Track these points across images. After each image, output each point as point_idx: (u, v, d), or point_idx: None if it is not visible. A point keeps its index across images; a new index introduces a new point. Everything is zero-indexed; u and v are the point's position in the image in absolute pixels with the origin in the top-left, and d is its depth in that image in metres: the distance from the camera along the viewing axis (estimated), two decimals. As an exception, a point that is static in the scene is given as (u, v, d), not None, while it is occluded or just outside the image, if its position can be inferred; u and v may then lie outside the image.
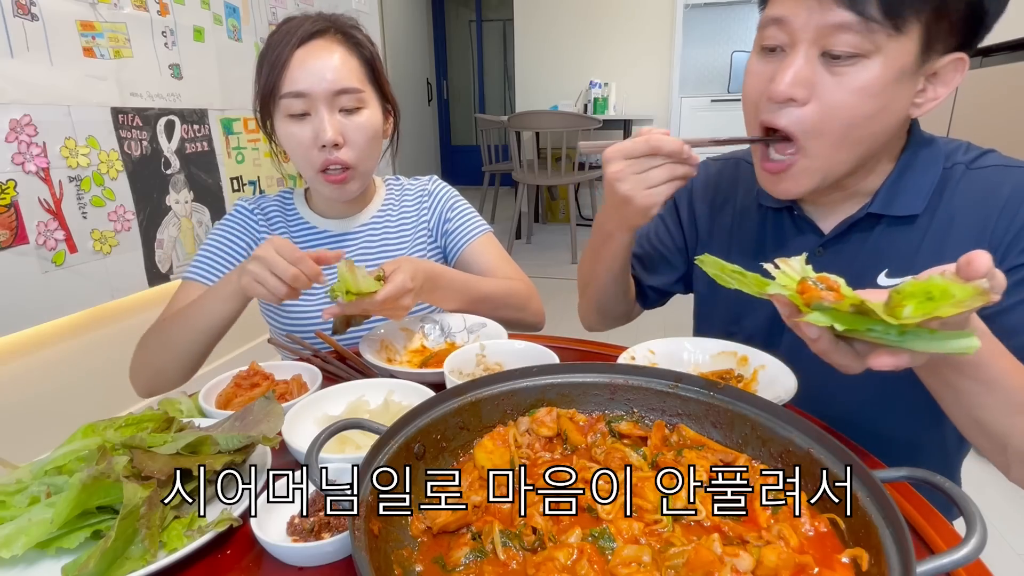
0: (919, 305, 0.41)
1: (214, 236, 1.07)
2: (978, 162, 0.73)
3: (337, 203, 1.09)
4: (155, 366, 0.96)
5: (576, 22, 5.25)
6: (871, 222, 0.75)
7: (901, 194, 0.73)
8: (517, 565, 0.45)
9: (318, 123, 0.94)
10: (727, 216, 0.91)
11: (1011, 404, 0.53)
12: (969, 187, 0.72)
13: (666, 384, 0.61)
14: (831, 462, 0.48)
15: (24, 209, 1.52)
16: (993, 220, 0.69)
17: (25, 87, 1.51)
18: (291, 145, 0.98)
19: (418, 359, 0.91)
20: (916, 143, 0.74)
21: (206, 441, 0.56)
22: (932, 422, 0.82)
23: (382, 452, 0.49)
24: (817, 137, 0.67)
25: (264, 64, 0.95)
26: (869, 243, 0.76)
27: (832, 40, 0.62)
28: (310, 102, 0.94)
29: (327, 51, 0.95)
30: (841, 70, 0.63)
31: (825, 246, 0.79)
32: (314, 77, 0.93)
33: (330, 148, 0.95)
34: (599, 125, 4.09)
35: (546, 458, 0.58)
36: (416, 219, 1.14)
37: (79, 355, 1.77)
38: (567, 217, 4.60)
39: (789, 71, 0.65)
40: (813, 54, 0.64)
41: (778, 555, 0.42)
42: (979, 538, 0.40)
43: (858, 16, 0.60)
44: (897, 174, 0.74)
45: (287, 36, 0.94)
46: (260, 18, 2.39)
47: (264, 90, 0.96)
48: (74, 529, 0.49)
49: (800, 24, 0.63)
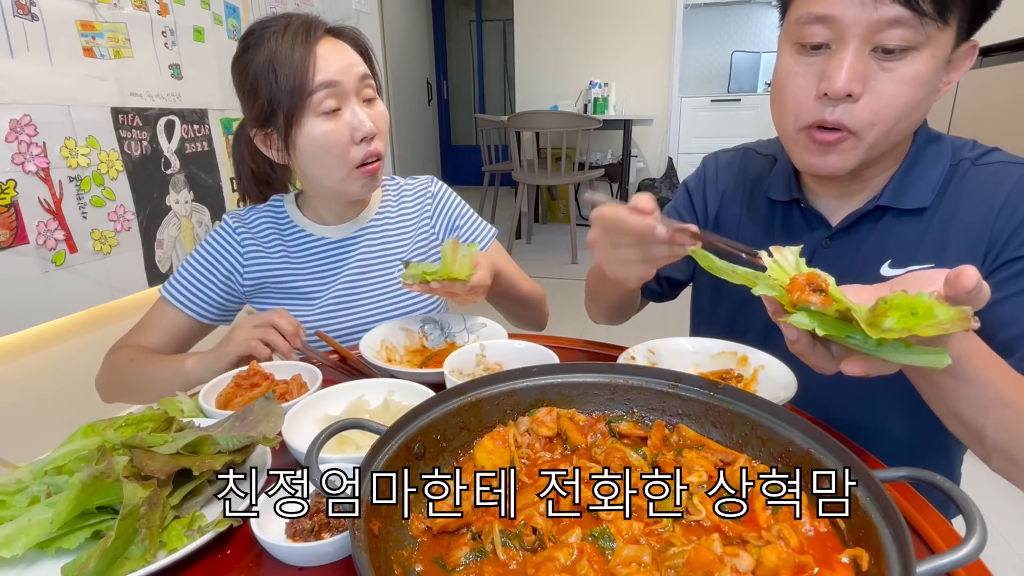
0: (901, 319, 0.42)
1: (195, 257, 1.04)
2: (983, 159, 0.75)
3: (340, 208, 1.06)
4: (124, 391, 0.97)
5: (576, 22, 5.25)
6: (878, 215, 0.77)
7: (910, 187, 0.75)
8: (517, 565, 0.45)
9: (352, 116, 0.92)
10: (736, 207, 0.92)
11: (986, 398, 0.54)
12: (973, 183, 0.74)
13: (666, 384, 0.61)
14: (831, 462, 0.48)
15: (24, 209, 1.52)
16: (994, 215, 0.71)
17: (25, 87, 1.51)
18: (325, 145, 0.92)
19: (418, 359, 0.91)
20: (924, 138, 0.76)
21: (206, 441, 0.56)
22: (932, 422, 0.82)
23: (382, 452, 0.49)
24: (871, 128, 0.68)
25: (278, 68, 0.89)
26: (874, 235, 0.78)
27: (885, 35, 0.63)
28: (341, 95, 0.92)
29: (337, 44, 0.94)
30: (892, 64, 0.64)
31: (832, 238, 0.80)
32: (342, 65, 0.91)
33: (368, 140, 0.94)
34: (599, 125, 4.09)
35: (546, 458, 0.58)
36: (417, 219, 1.13)
37: (79, 355, 1.77)
38: (567, 217, 4.60)
39: (844, 67, 0.65)
40: (864, 49, 0.65)
41: (778, 555, 0.42)
42: (979, 538, 0.40)
43: (911, 11, 0.61)
44: (905, 168, 0.76)
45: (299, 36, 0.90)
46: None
47: (290, 93, 0.89)
48: (74, 529, 0.49)
49: (851, 20, 0.64)
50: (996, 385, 0.54)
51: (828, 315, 0.46)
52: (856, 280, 0.55)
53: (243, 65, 0.93)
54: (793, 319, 0.47)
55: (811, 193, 0.83)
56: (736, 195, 0.92)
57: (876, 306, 0.44)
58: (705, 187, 0.96)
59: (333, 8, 2.84)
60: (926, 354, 0.43)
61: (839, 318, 0.46)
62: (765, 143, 0.95)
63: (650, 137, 5.42)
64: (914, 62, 0.64)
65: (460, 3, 7.24)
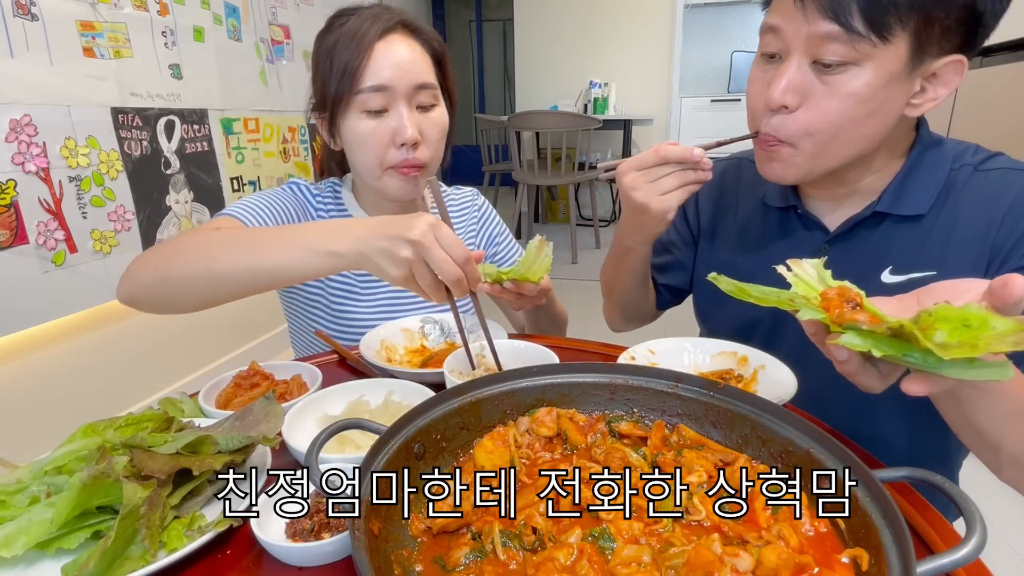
0: (954, 332, 0.40)
1: (269, 196, 0.96)
2: (986, 164, 0.74)
3: (391, 204, 1.03)
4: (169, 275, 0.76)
5: (576, 22, 5.25)
6: (876, 220, 0.76)
7: (908, 194, 0.74)
8: (517, 565, 0.45)
9: (397, 120, 0.90)
10: (732, 215, 0.92)
11: (1008, 410, 0.53)
12: (976, 189, 0.73)
13: (666, 384, 0.61)
14: (831, 462, 0.48)
15: (24, 209, 1.52)
16: (997, 222, 0.70)
17: (25, 87, 1.51)
18: (363, 143, 0.92)
19: (418, 359, 0.91)
20: (924, 144, 0.75)
21: (206, 441, 0.56)
22: (932, 423, 0.82)
23: (382, 452, 0.49)
24: (807, 137, 0.69)
25: (334, 58, 0.89)
26: (873, 241, 0.77)
27: (822, 50, 0.64)
28: (390, 97, 0.90)
29: (406, 45, 0.92)
30: (831, 78, 0.65)
31: (831, 243, 0.80)
32: (397, 71, 0.89)
33: (408, 147, 0.92)
34: (599, 125, 4.09)
35: (546, 458, 0.58)
36: (464, 229, 1.14)
37: (79, 355, 1.77)
38: (567, 217, 4.60)
39: (782, 79, 0.67)
40: (805, 62, 0.66)
41: (778, 555, 0.42)
42: (979, 538, 0.40)
43: (842, 28, 0.61)
44: (904, 174, 0.75)
45: (362, 29, 0.89)
46: (260, 18, 2.39)
47: (339, 85, 0.89)
48: (74, 529, 0.49)
49: (792, 33, 0.66)
50: (1018, 397, 0.52)
51: (880, 333, 0.43)
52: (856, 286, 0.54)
53: (317, 44, 0.95)
54: (844, 340, 0.44)
55: (808, 198, 0.83)
56: (731, 204, 0.92)
57: (919, 319, 0.42)
58: (697, 196, 0.96)
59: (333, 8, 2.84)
60: (990, 368, 0.41)
61: (891, 335, 0.43)
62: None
63: (650, 137, 5.42)
64: (854, 78, 0.64)
65: (460, 3, 7.24)
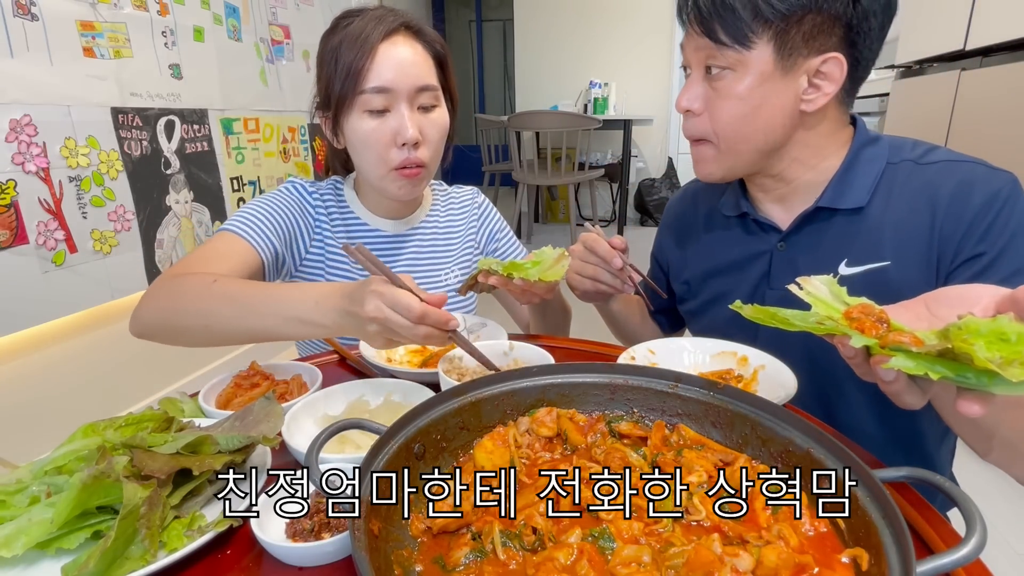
0: (990, 346, 0.39)
1: (267, 201, 0.98)
2: (926, 157, 0.78)
3: (393, 203, 1.05)
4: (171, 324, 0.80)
5: (576, 22, 5.25)
6: (825, 215, 0.81)
7: (847, 188, 0.79)
8: (517, 565, 0.45)
9: (398, 121, 0.92)
10: (695, 237, 0.98)
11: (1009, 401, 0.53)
12: (918, 181, 0.77)
13: (666, 384, 0.61)
14: (831, 462, 0.48)
15: (24, 209, 1.51)
16: (941, 214, 0.73)
17: (25, 87, 1.51)
18: (366, 142, 0.93)
19: (418, 359, 0.91)
20: (861, 141, 0.80)
21: (206, 441, 0.56)
22: (932, 422, 0.83)
23: (382, 452, 0.49)
24: (716, 137, 0.79)
25: (339, 58, 0.91)
26: (827, 235, 0.81)
27: (707, 61, 0.76)
28: (392, 98, 0.91)
29: (409, 47, 0.93)
30: (718, 84, 0.76)
31: (785, 240, 0.84)
32: (400, 72, 0.91)
33: (410, 147, 0.93)
34: (599, 125, 4.09)
35: (546, 458, 0.58)
36: (464, 229, 1.15)
37: (79, 355, 1.77)
38: (567, 217, 4.60)
39: (688, 89, 0.79)
40: (701, 74, 0.78)
41: (778, 555, 0.42)
42: (979, 538, 0.40)
43: (712, 41, 0.73)
44: (843, 170, 0.80)
45: (366, 31, 0.90)
46: (260, 18, 2.39)
47: (343, 85, 0.91)
48: (74, 529, 0.49)
49: (690, 50, 0.78)
50: None
51: (930, 355, 0.42)
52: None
53: (322, 44, 0.96)
54: (896, 364, 0.43)
55: (759, 203, 0.88)
56: (693, 226, 0.99)
57: (949, 333, 0.41)
58: (661, 234, 1.07)
59: (333, 7, 2.84)
60: None
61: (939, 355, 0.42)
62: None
63: (650, 137, 5.42)
64: (734, 81, 0.74)
65: (460, 3, 7.24)
